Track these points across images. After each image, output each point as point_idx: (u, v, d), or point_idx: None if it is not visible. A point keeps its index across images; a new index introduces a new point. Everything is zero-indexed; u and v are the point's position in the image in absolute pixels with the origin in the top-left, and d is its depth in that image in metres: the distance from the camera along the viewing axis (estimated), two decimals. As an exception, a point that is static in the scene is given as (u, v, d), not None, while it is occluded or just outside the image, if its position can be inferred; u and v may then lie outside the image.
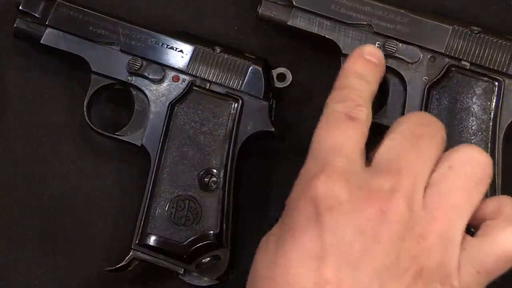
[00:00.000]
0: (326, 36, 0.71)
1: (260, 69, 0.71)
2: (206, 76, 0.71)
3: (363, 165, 0.55)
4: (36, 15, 0.71)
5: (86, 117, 0.72)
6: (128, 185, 0.74)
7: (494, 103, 0.69)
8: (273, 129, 0.70)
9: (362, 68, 0.61)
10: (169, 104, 0.70)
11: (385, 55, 0.70)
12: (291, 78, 0.72)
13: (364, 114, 0.57)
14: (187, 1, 0.76)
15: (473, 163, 0.55)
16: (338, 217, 0.51)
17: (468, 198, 0.54)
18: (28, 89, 0.75)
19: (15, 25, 0.72)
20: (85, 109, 0.72)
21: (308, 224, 0.52)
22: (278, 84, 0.72)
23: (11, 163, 0.75)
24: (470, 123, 0.69)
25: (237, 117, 0.70)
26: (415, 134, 0.56)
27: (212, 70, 0.71)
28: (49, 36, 0.72)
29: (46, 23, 0.72)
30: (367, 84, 0.60)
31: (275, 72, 0.72)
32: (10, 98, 0.75)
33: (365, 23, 0.71)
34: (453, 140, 0.69)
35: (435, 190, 0.54)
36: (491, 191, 0.68)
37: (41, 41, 0.72)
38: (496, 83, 0.69)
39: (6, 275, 0.74)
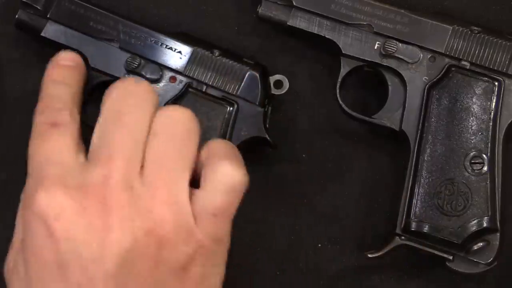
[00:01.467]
0: (326, 36, 0.71)
1: (258, 75, 0.70)
2: (203, 78, 0.70)
3: (80, 163, 0.56)
4: (38, 8, 0.71)
5: (83, 113, 0.72)
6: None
7: (494, 103, 0.69)
8: (266, 136, 0.70)
9: (58, 74, 0.62)
10: (165, 104, 0.70)
11: (385, 55, 0.70)
12: (288, 86, 0.71)
13: (67, 117, 0.58)
14: (187, 1, 0.75)
15: (173, 123, 0.56)
16: (66, 224, 0.53)
17: (180, 158, 0.55)
18: (27, 88, 0.75)
19: (16, 16, 0.72)
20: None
21: (44, 242, 0.53)
22: (275, 91, 0.71)
23: (10, 163, 0.75)
24: (470, 123, 0.69)
25: (231, 121, 0.70)
26: (118, 111, 0.56)
27: (210, 73, 0.71)
28: (49, 29, 0.71)
29: (48, 16, 0.71)
30: (67, 88, 0.61)
31: (272, 79, 0.71)
32: (10, 98, 0.75)
33: (365, 23, 0.71)
34: (453, 140, 0.69)
35: (149, 162, 0.55)
36: (491, 193, 0.68)
37: (42, 34, 0.72)
38: (496, 83, 0.69)
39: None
